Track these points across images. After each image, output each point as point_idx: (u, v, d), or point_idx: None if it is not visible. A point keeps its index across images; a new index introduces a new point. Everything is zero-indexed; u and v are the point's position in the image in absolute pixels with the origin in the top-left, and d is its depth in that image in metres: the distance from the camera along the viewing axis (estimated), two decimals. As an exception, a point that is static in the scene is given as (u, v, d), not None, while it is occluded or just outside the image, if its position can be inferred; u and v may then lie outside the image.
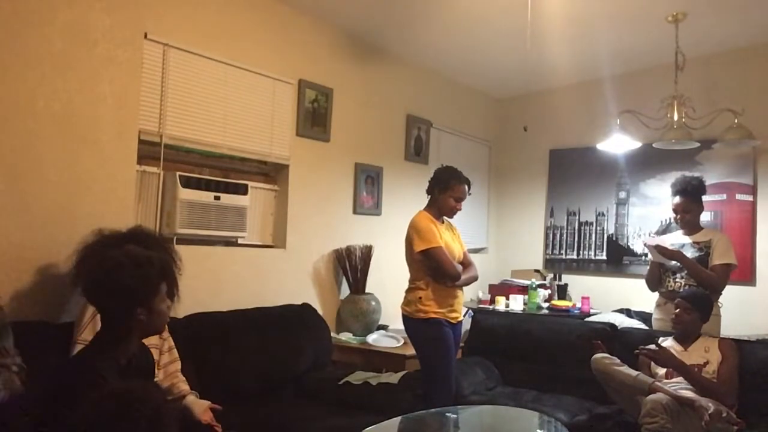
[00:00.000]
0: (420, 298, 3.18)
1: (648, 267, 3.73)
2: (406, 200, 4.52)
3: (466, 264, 3.35)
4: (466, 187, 3.33)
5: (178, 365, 2.58)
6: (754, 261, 4.65)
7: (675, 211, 3.61)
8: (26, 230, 2.59)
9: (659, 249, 3.51)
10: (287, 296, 3.72)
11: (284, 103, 3.82)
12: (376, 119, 4.57)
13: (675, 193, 3.59)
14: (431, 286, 3.19)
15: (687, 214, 3.56)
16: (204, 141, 3.37)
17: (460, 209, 3.33)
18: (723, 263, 3.43)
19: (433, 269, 3.17)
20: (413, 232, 3.20)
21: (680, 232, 3.65)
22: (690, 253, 3.50)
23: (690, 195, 3.54)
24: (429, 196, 3.36)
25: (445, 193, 3.28)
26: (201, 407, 2.40)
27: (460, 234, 3.46)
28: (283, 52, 3.82)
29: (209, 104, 3.39)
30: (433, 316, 3.17)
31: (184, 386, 2.52)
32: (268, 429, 2.73)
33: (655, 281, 3.65)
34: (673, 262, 3.52)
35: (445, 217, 3.36)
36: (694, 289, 3.30)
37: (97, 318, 2.39)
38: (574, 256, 5.50)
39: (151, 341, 2.32)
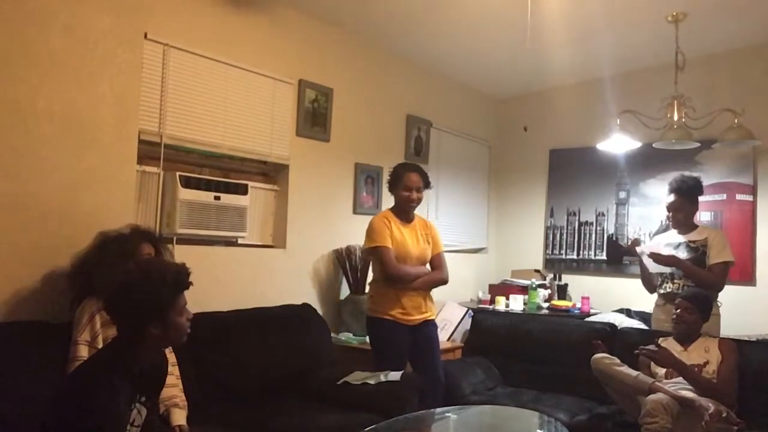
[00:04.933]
0: (371, 296, 3.29)
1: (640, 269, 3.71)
2: (406, 200, 4.52)
3: (435, 266, 3.34)
4: (418, 175, 3.29)
5: (174, 369, 2.57)
6: (754, 261, 4.65)
7: (668, 209, 3.61)
8: (26, 230, 2.59)
9: (654, 257, 3.49)
10: (287, 296, 3.72)
11: (284, 103, 3.82)
12: (376, 119, 4.56)
13: (670, 192, 3.59)
14: (380, 285, 3.24)
15: (679, 213, 3.55)
16: (204, 141, 3.37)
17: (416, 199, 3.29)
18: (721, 262, 3.43)
19: (378, 268, 3.24)
20: (366, 231, 3.27)
21: (675, 231, 3.65)
22: (685, 252, 3.49)
23: (684, 194, 3.53)
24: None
25: (398, 186, 3.30)
26: (181, 416, 2.44)
27: (437, 234, 3.43)
28: (283, 52, 3.82)
29: (209, 104, 3.39)
30: (380, 315, 3.22)
31: (177, 392, 2.52)
32: (268, 429, 2.73)
33: (650, 284, 3.65)
34: (669, 269, 3.51)
35: (420, 216, 3.37)
36: (694, 289, 3.28)
37: (96, 318, 2.40)
38: (574, 256, 5.49)
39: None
